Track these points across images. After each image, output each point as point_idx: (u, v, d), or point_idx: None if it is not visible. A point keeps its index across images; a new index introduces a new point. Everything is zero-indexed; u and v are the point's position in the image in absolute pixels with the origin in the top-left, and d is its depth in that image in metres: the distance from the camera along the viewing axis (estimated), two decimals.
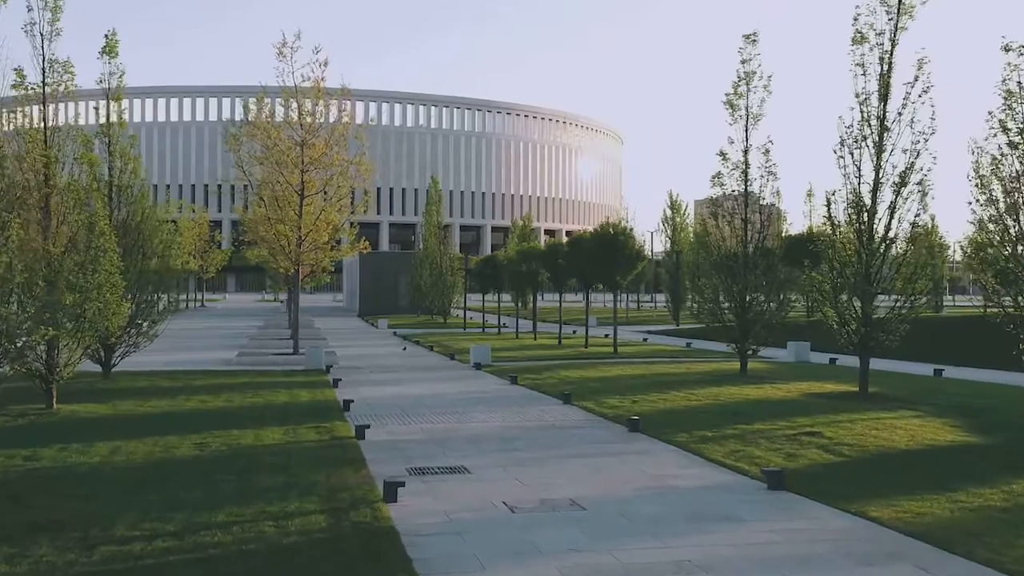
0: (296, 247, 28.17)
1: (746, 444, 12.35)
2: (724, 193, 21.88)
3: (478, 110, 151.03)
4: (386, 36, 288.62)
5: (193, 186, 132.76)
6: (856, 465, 11.02)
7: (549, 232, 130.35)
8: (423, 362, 27.14)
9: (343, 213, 29.52)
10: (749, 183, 21.55)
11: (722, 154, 21.58)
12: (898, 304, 17.19)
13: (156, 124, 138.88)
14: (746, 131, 21.58)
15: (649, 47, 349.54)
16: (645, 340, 37.14)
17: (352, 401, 16.67)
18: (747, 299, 21.34)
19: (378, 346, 34.39)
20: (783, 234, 29.52)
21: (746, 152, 21.57)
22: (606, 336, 38.17)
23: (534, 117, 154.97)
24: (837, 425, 13.66)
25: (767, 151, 21.31)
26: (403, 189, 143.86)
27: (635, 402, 16.75)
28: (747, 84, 21.49)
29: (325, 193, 28.72)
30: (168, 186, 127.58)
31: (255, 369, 24.44)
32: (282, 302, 75.06)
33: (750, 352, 21.71)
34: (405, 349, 31.86)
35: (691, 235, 63.88)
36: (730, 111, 21.60)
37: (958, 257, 68.88)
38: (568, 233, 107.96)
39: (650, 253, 62.50)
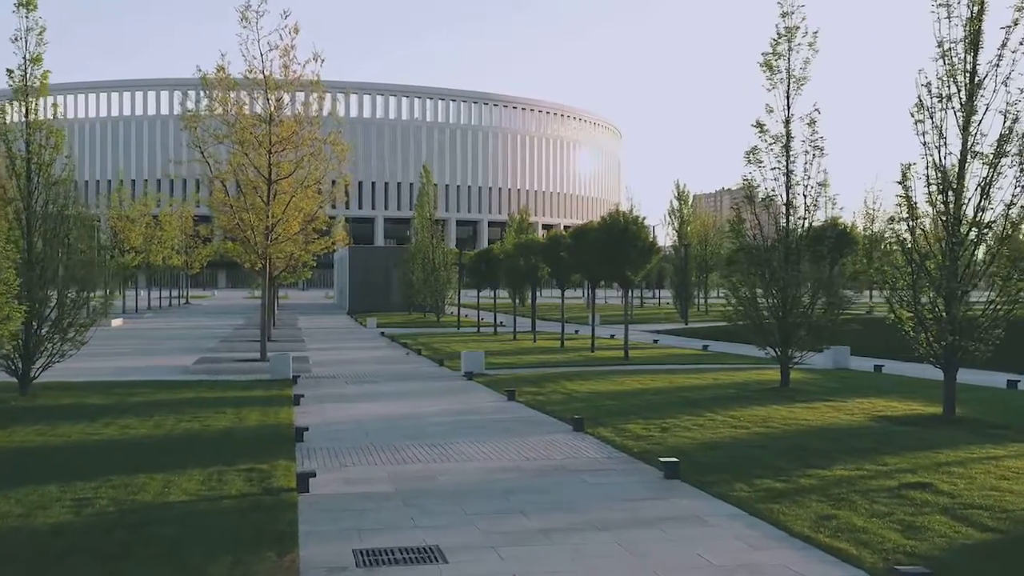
0: (264, 239, 24.64)
1: (836, 504, 8.85)
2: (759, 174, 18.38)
3: (474, 103, 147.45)
4: (384, 32, 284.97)
5: (185, 181, 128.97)
6: (1013, 547, 7.53)
7: (547, 227, 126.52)
8: (408, 369, 23.66)
9: (316, 200, 25.99)
10: (791, 160, 18.06)
11: (759, 125, 18.09)
12: (994, 303, 13.72)
13: (146, 118, 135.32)
14: (787, 97, 18.08)
15: (648, 42, 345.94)
16: (655, 342, 33.68)
17: (306, 430, 13.15)
18: (788, 297, 17.82)
19: (361, 349, 30.94)
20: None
21: (787, 122, 18.07)
22: (612, 337, 34.75)
23: (531, 110, 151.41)
24: (946, 471, 10.18)
25: (813, 121, 17.81)
26: (398, 183, 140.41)
27: (664, 429, 13.26)
28: (788, 41, 18.01)
29: (302, 180, 25.17)
30: (159, 181, 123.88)
31: (210, 380, 20.99)
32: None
33: (794, 361, 18.20)
34: (408, 354, 28.32)
35: (700, 227, 60.57)
36: (768, 74, 18.11)
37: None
38: (566, 228, 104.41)
39: None
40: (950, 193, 13.75)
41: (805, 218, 18.03)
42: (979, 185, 13.69)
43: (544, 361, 25.00)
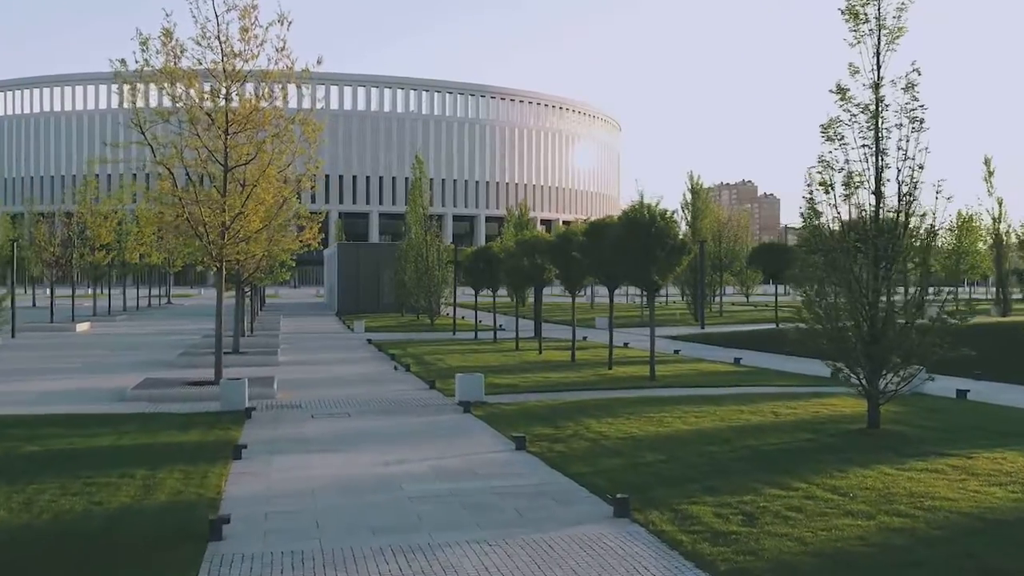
0: (220, 237, 20.48)
1: None
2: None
3: (471, 95, 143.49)
4: (381, 25, 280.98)
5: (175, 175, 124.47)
6: None
7: (545, 222, 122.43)
8: (391, 394, 19.52)
9: (283, 191, 21.83)
10: (882, 136, 13.94)
11: (840, 90, 13.96)
12: None
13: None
14: (877, 55, 13.95)
15: (647, 35, 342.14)
16: (677, 352, 29.60)
17: (227, 522, 9.00)
18: (882, 315, 13.68)
19: (342, 362, 26.85)
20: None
21: (877, 87, 13.94)
22: (626, 345, 30.74)
23: (529, 102, 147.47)
24: None
25: (911, 85, 13.71)
26: (393, 177, 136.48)
27: (749, 516, 9.14)
28: None
29: (264, 166, 21.03)
30: (148, 175, 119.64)
31: (147, 412, 16.94)
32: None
33: (886, 394, 14.03)
34: (397, 369, 24.39)
35: (713, 223, 56.55)
36: (852, 23, 14.00)
37: None
38: (565, 223, 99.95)
39: None
40: None
41: (900, 210, 13.92)
42: None
43: (555, 382, 20.92)
